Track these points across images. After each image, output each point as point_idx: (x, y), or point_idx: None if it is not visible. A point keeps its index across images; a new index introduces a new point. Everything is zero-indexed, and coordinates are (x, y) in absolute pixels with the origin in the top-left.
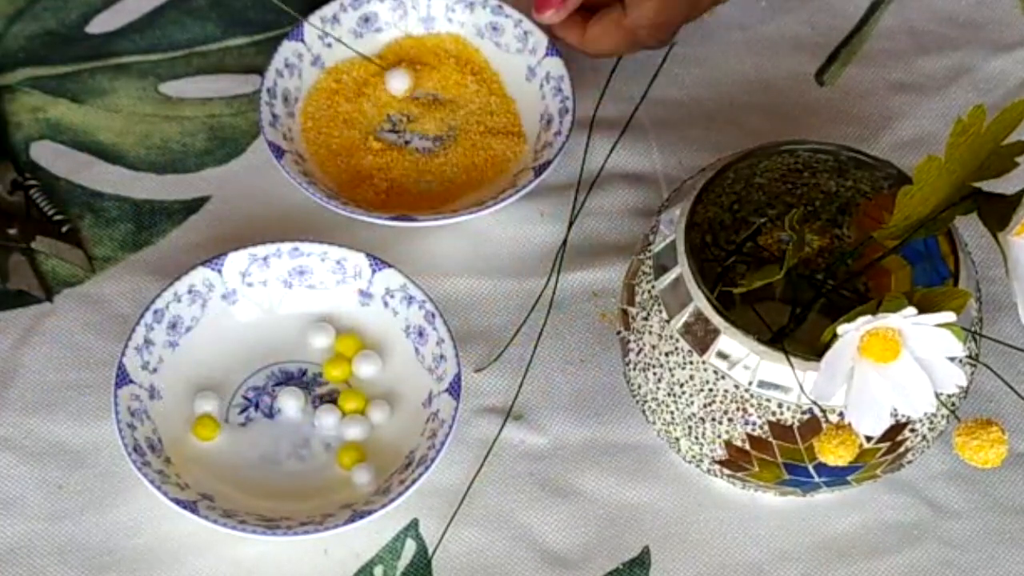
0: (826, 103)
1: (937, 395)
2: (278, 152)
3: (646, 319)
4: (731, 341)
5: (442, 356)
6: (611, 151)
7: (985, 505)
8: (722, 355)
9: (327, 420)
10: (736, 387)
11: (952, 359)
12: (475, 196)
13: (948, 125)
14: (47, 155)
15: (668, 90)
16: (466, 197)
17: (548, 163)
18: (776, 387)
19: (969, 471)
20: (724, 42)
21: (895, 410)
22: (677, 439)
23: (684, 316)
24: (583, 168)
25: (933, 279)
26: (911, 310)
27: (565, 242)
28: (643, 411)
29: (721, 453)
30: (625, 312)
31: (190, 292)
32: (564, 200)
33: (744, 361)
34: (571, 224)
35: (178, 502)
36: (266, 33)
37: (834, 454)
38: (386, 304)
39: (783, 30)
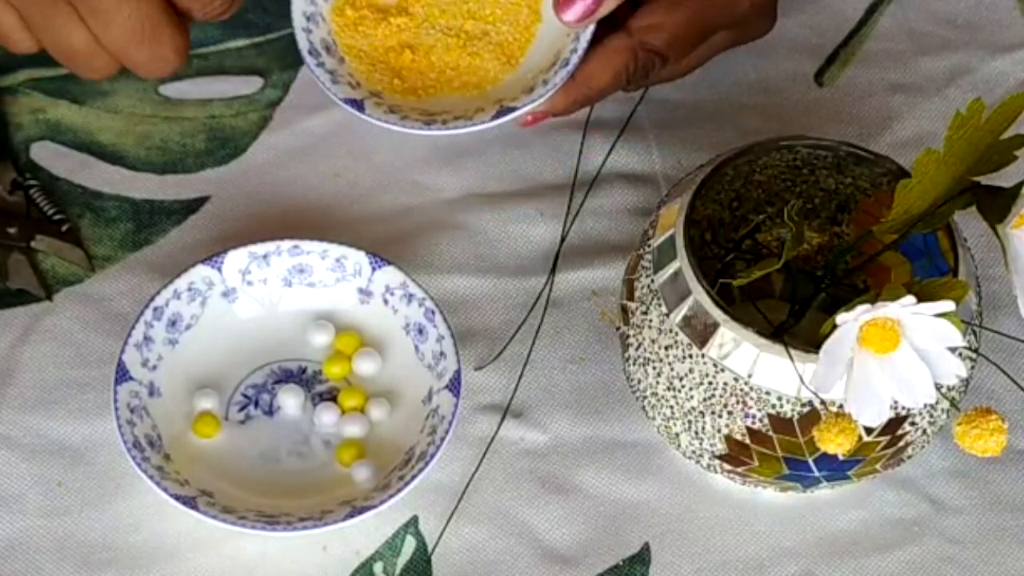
0: (825, 104)
1: (937, 387)
2: (358, 105)
3: (645, 313)
4: (730, 334)
5: (442, 353)
6: (610, 151)
7: (986, 502)
8: (721, 348)
9: (327, 417)
10: (736, 380)
11: (952, 350)
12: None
13: (947, 126)
14: (47, 155)
15: (668, 90)
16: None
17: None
18: (776, 380)
19: (970, 468)
20: None
21: (895, 402)
22: (677, 434)
23: (683, 310)
24: (578, 167)
25: (932, 275)
26: (910, 299)
27: (562, 240)
28: (643, 407)
29: (721, 447)
30: (624, 308)
31: (190, 290)
32: (563, 199)
33: (744, 354)
34: (567, 223)
35: (178, 498)
36: (266, 35)
37: (834, 443)
38: (386, 302)
39: (782, 31)
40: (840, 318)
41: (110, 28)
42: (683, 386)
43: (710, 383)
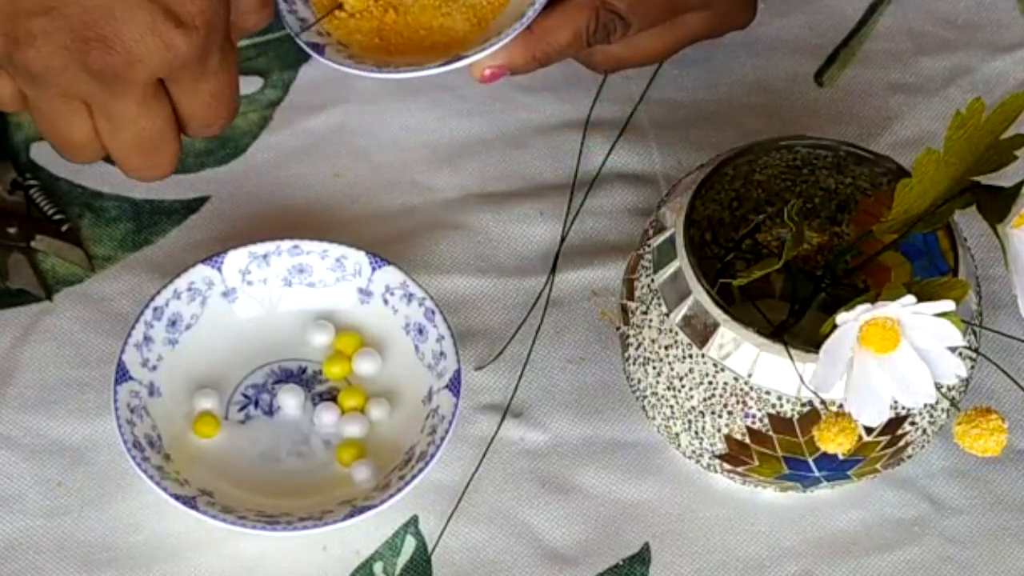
0: (825, 104)
1: (937, 387)
2: (319, 49)
3: (645, 313)
4: (730, 334)
5: (442, 353)
6: (610, 151)
7: (985, 502)
8: (721, 348)
9: (327, 417)
10: (736, 380)
11: (952, 349)
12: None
13: (947, 126)
14: (47, 155)
15: (668, 90)
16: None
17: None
18: (776, 380)
19: (970, 467)
20: (723, 43)
21: (895, 402)
22: (677, 434)
23: (683, 309)
24: (578, 167)
25: (932, 275)
26: (910, 298)
27: (562, 241)
28: (643, 407)
29: (721, 447)
30: (624, 307)
31: (190, 290)
32: (563, 199)
33: (743, 354)
34: (567, 223)
35: (178, 498)
36: (266, 35)
37: (834, 442)
38: (386, 302)
39: (782, 31)
40: (840, 318)
41: (120, 135)
42: (683, 386)
43: (710, 383)
